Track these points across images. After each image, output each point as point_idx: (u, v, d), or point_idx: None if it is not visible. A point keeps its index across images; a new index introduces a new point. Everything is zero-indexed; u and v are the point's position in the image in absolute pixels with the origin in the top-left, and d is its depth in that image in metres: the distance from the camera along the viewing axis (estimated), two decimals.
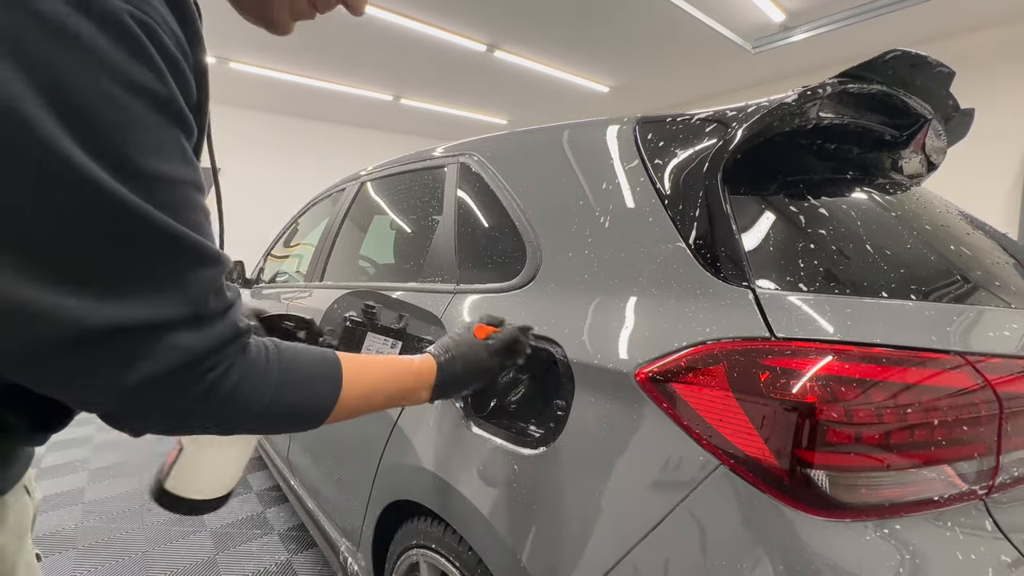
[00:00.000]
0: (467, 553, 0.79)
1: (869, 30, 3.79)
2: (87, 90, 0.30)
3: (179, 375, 0.36)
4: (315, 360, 0.50)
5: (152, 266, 0.34)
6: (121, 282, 0.33)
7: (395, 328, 0.76)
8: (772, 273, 0.61)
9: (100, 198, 0.31)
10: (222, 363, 0.39)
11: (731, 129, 0.69)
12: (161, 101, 0.33)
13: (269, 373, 0.44)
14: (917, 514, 0.49)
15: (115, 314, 0.32)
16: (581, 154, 0.89)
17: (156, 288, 0.34)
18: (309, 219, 2.36)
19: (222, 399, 0.40)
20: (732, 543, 0.51)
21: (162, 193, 0.34)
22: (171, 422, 0.40)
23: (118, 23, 0.30)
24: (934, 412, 0.49)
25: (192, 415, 0.40)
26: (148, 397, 0.36)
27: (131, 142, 0.32)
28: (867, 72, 0.73)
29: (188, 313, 0.36)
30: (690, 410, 0.56)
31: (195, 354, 0.37)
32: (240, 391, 0.41)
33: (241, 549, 1.83)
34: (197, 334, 0.37)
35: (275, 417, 0.45)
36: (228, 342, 0.40)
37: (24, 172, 0.29)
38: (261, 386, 0.43)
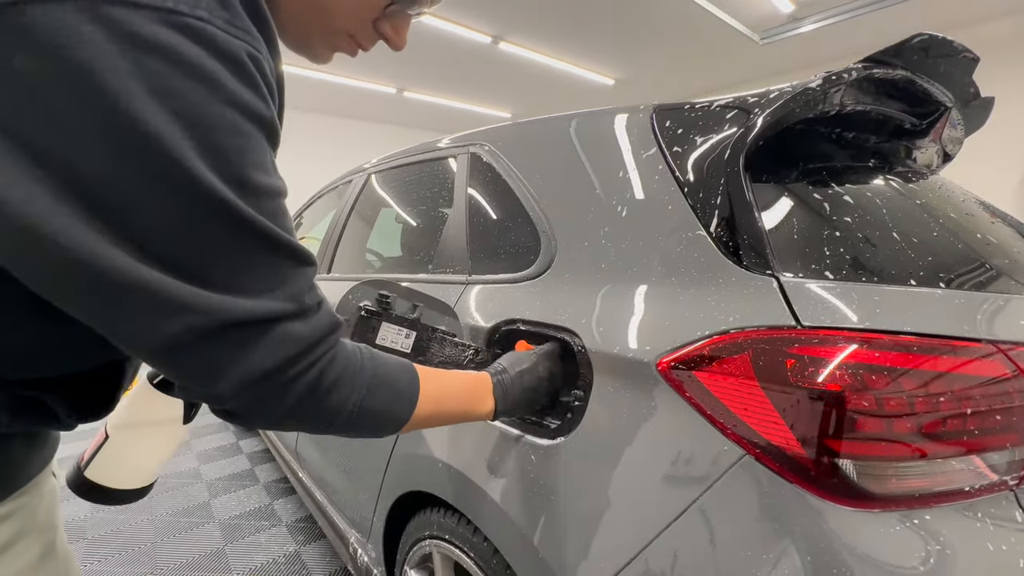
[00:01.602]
0: (482, 544, 0.79)
1: (878, 20, 3.75)
2: (216, 119, 0.34)
3: (293, 363, 0.40)
4: (396, 361, 0.53)
5: (265, 268, 0.38)
6: (244, 282, 0.37)
7: (409, 318, 0.75)
8: (796, 261, 0.60)
9: (228, 214, 0.35)
10: (327, 353, 0.43)
11: (753, 115, 0.68)
12: (267, 124, 0.38)
13: (364, 368, 0.47)
14: (946, 505, 0.49)
15: (245, 308, 0.37)
16: (596, 143, 0.87)
17: (269, 287, 0.38)
18: (313, 212, 2.36)
19: (327, 389, 0.43)
20: (757, 532, 0.50)
21: (267, 204, 0.38)
22: (280, 414, 0.42)
23: (238, 61, 0.34)
24: (966, 401, 0.48)
25: (300, 408, 0.42)
26: (265, 386, 0.39)
27: (247, 163, 0.36)
28: (892, 57, 0.72)
29: (295, 307, 0.40)
30: (713, 399, 0.55)
31: (306, 342, 0.40)
32: (341, 382, 0.44)
33: (249, 540, 1.84)
34: (304, 324, 0.40)
35: (367, 414, 0.47)
36: (329, 332, 0.43)
37: (166, 193, 0.33)
38: (357, 379, 0.46)
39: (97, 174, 0.31)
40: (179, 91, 0.32)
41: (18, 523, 0.45)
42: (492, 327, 0.84)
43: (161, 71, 0.31)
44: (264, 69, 0.37)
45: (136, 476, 0.60)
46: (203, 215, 0.35)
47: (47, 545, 0.49)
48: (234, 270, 0.37)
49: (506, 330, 0.82)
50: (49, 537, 0.49)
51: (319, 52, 0.52)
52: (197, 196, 0.34)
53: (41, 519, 0.48)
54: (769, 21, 3.95)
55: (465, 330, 0.88)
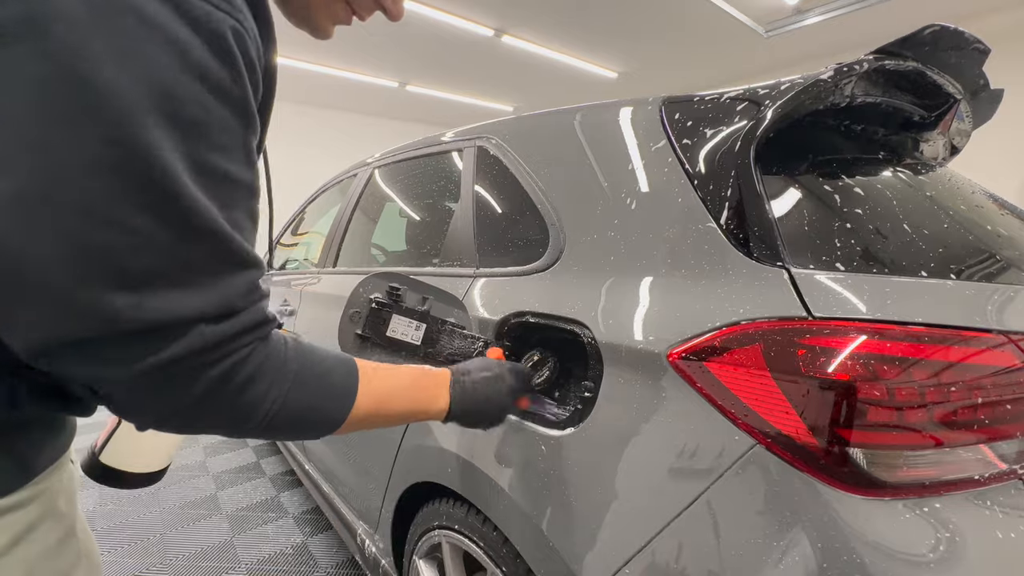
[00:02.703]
0: (492, 533, 0.80)
1: (884, 12, 3.71)
2: (179, 89, 0.31)
3: (194, 357, 0.36)
4: (333, 357, 0.49)
5: (198, 264, 0.35)
6: (168, 278, 0.33)
7: (419, 310, 0.76)
8: (807, 252, 0.60)
9: (173, 194, 0.31)
10: (242, 348, 0.39)
11: (764, 107, 0.68)
12: (238, 105, 0.35)
13: (288, 361, 0.43)
14: (956, 493, 0.49)
15: (154, 311, 0.33)
16: (604, 135, 0.87)
17: (197, 286, 0.35)
18: (317, 207, 2.36)
19: (238, 386, 0.39)
20: (769, 521, 0.51)
21: (221, 192, 0.35)
22: (184, 407, 0.38)
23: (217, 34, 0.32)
24: (976, 391, 0.49)
25: (206, 404, 0.38)
26: (162, 380, 0.35)
27: (207, 142, 0.33)
28: (903, 48, 0.72)
29: (218, 310, 0.36)
30: (724, 390, 0.55)
31: (216, 339, 0.37)
32: (257, 378, 0.40)
33: (257, 532, 1.86)
34: (222, 324, 0.37)
35: (290, 412, 0.43)
36: (250, 330, 0.39)
37: (109, 162, 0.29)
38: (280, 374, 0.42)
39: (30, 134, 0.28)
40: (144, 54, 0.29)
41: (39, 508, 0.45)
42: (501, 319, 0.84)
43: (127, 32, 0.29)
44: (247, 46, 0.34)
45: (150, 459, 0.61)
46: (144, 190, 0.31)
47: (67, 530, 0.49)
48: (163, 263, 0.33)
49: (515, 322, 0.83)
50: (68, 522, 0.50)
51: (320, 24, 0.50)
52: (143, 168, 0.30)
53: (61, 505, 0.48)
54: (774, 13, 3.92)
55: (474, 322, 0.88)
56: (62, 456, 0.49)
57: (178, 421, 0.39)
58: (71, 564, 0.49)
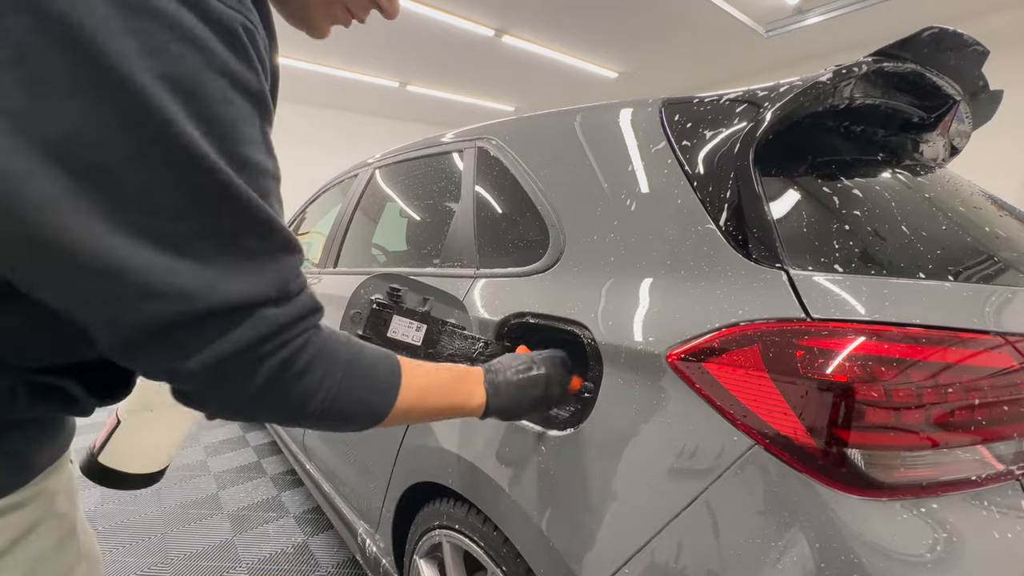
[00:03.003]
0: (492, 533, 0.80)
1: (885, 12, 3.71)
2: (208, 87, 0.33)
3: (261, 344, 0.38)
4: (377, 351, 0.51)
5: (254, 249, 0.37)
6: (230, 262, 0.36)
7: (420, 311, 0.76)
8: (806, 254, 0.61)
9: (222, 187, 0.34)
10: (301, 335, 0.41)
11: (763, 109, 0.68)
12: (258, 98, 0.36)
13: (339, 353, 0.44)
14: (953, 493, 0.49)
15: (226, 292, 0.35)
16: (604, 136, 0.88)
17: (256, 270, 0.37)
18: (318, 207, 2.36)
19: (296, 374, 0.40)
20: (768, 521, 0.51)
21: (260, 182, 0.37)
22: (247, 397, 0.39)
23: (232, 31, 0.34)
24: (974, 392, 0.49)
25: (268, 391, 0.40)
26: (232, 365, 0.37)
27: (239, 135, 0.35)
28: (902, 50, 0.72)
29: (278, 292, 0.38)
30: (723, 390, 0.56)
31: (280, 323, 0.39)
32: (314, 365, 0.42)
33: (258, 531, 1.86)
34: (282, 309, 0.39)
35: (343, 403, 0.45)
36: (307, 315, 0.41)
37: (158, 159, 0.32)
38: (333, 364, 0.43)
39: (83, 139, 0.30)
40: (172, 55, 0.31)
41: (39, 508, 0.46)
42: (501, 320, 0.84)
43: (154, 33, 0.30)
44: (258, 43, 0.36)
45: (149, 460, 0.61)
46: (194, 185, 0.33)
47: (67, 530, 0.49)
48: (224, 249, 0.35)
49: (515, 323, 0.83)
50: (69, 522, 0.50)
51: (317, 23, 0.51)
52: (190, 164, 0.32)
53: (61, 504, 0.49)
54: (774, 13, 3.92)
55: (474, 323, 0.89)
56: (61, 456, 0.50)
57: (242, 409, 0.41)
58: (72, 564, 0.49)
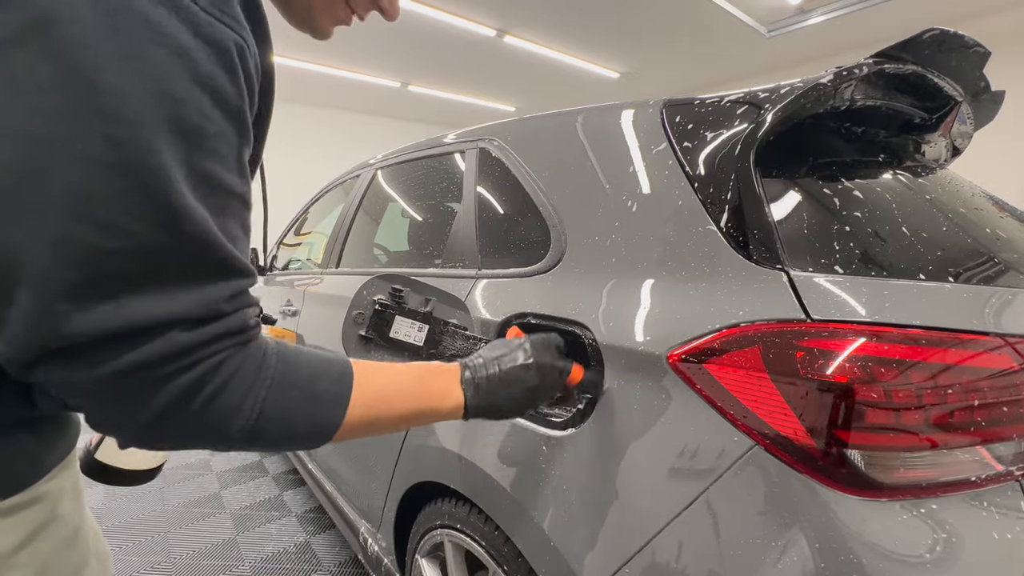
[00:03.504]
0: (494, 532, 0.80)
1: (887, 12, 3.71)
2: (183, 95, 0.32)
3: (164, 363, 0.34)
4: (324, 359, 0.46)
5: (182, 268, 0.34)
6: (154, 281, 0.33)
7: (422, 312, 0.77)
8: (806, 255, 0.61)
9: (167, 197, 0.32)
10: (213, 356, 0.37)
11: (764, 111, 0.68)
12: (235, 115, 0.35)
13: (265, 369, 0.40)
14: (953, 494, 0.50)
15: (136, 313, 0.32)
16: (605, 138, 0.88)
17: (183, 290, 0.34)
18: (320, 207, 2.37)
19: (209, 396, 0.36)
20: (767, 521, 0.51)
21: (215, 200, 0.35)
22: (147, 419, 0.36)
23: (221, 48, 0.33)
24: (973, 393, 0.49)
25: (177, 414, 0.36)
26: (132, 386, 0.34)
27: (206, 148, 0.34)
28: (903, 52, 0.72)
29: (197, 314, 0.35)
30: (724, 391, 0.56)
31: (189, 344, 0.35)
32: (231, 386, 0.38)
33: (260, 530, 1.87)
34: (199, 330, 0.36)
35: (271, 422, 0.40)
36: (224, 335, 0.38)
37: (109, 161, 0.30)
38: (255, 383, 0.39)
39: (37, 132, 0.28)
40: (151, 59, 0.30)
41: (51, 505, 0.46)
42: (503, 320, 0.85)
43: (135, 36, 0.29)
44: (247, 63, 0.35)
45: (145, 456, 0.62)
46: (141, 193, 0.31)
47: (77, 525, 0.50)
48: (149, 264, 0.32)
49: (517, 323, 0.83)
50: (78, 518, 0.50)
51: (321, 25, 0.51)
52: (142, 171, 0.30)
53: (69, 503, 0.49)
54: (776, 13, 3.92)
55: (476, 323, 0.89)
56: (69, 454, 0.50)
57: (150, 432, 0.37)
58: (83, 559, 0.50)
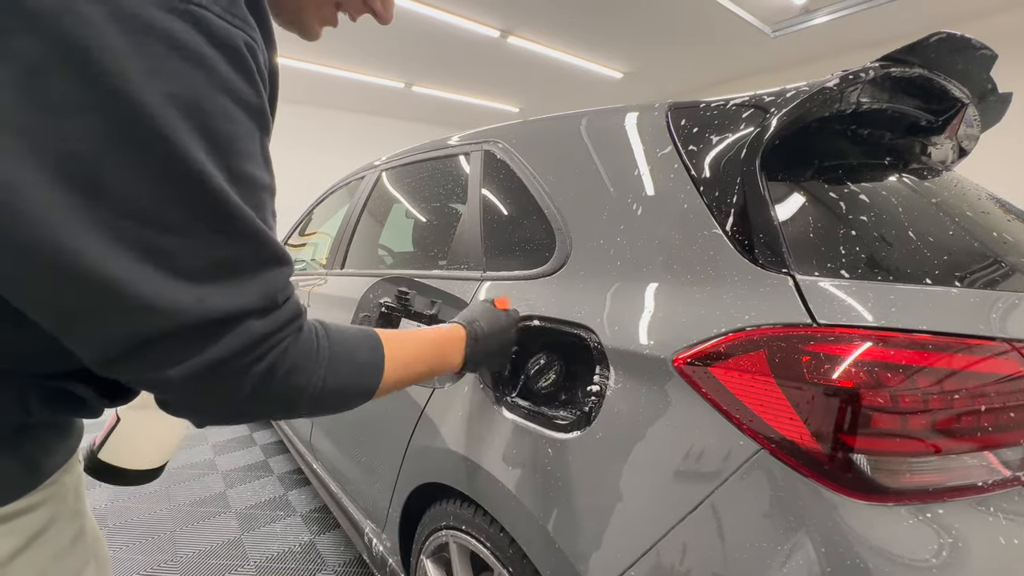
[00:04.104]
0: (499, 534, 0.81)
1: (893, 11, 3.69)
2: (210, 104, 0.34)
3: (244, 355, 0.39)
4: (357, 334, 0.53)
5: (244, 263, 0.38)
6: (220, 276, 0.37)
7: (428, 314, 0.77)
8: (812, 259, 0.61)
9: (217, 202, 0.35)
10: (281, 343, 0.42)
11: (769, 115, 0.68)
12: (259, 115, 0.38)
13: (321, 348, 0.47)
14: (959, 499, 0.50)
15: (212, 306, 0.36)
16: (610, 141, 0.88)
17: (244, 283, 0.38)
18: (324, 208, 2.38)
19: (281, 378, 0.42)
20: (773, 524, 0.51)
21: (254, 196, 0.38)
22: (233, 407, 0.41)
23: (235, 49, 0.35)
24: (980, 398, 0.49)
25: (256, 398, 0.41)
26: (216, 377, 0.38)
27: (237, 150, 0.36)
28: (909, 55, 0.72)
29: (263, 304, 0.39)
30: (729, 395, 0.56)
31: (261, 335, 0.39)
32: (298, 368, 0.43)
33: (265, 530, 1.88)
34: (266, 320, 0.40)
35: (330, 392, 0.47)
36: (287, 323, 0.42)
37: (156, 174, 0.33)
38: (315, 362, 0.45)
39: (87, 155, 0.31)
40: (176, 73, 0.32)
41: (50, 510, 0.46)
42: None
43: (158, 53, 0.31)
44: (259, 59, 0.38)
45: (148, 456, 0.62)
46: (191, 200, 0.34)
47: (77, 530, 0.50)
48: (215, 263, 0.36)
49: (523, 326, 0.84)
50: (79, 522, 0.51)
51: (310, 26, 0.53)
52: (187, 179, 0.33)
53: (71, 505, 0.50)
54: (781, 13, 3.90)
55: None
56: (71, 458, 0.51)
57: (234, 415, 0.42)
58: (82, 564, 0.50)
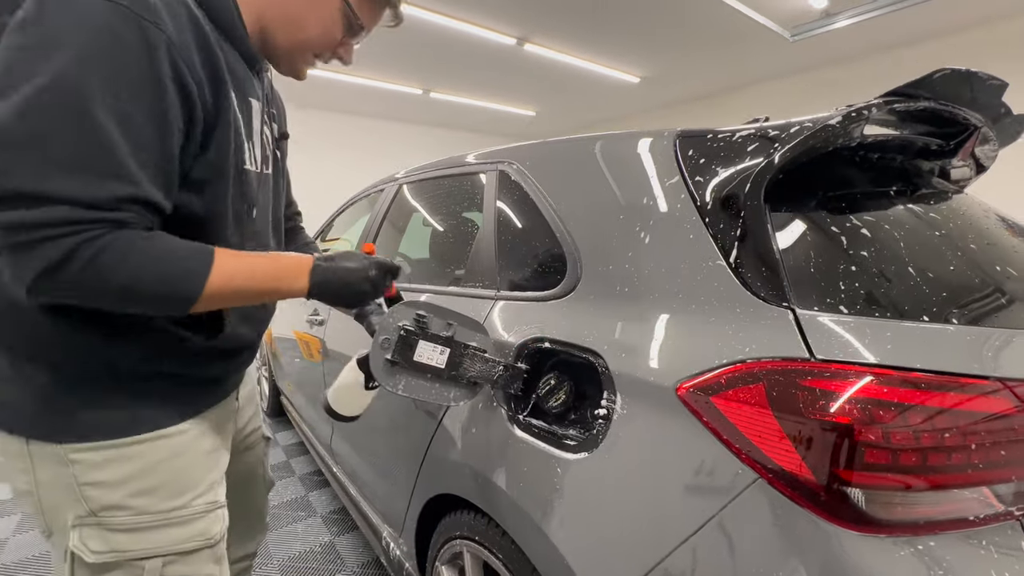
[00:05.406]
0: (511, 547, 0.84)
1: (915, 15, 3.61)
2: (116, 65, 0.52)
3: (57, 226, 0.49)
4: (190, 245, 0.60)
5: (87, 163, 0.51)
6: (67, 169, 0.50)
7: (444, 336, 0.81)
8: (812, 294, 0.63)
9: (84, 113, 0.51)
10: (93, 230, 0.51)
11: (774, 150, 0.70)
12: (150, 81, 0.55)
13: (137, 242, 0.54)
14: (952, 532, 0.52)
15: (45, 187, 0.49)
16: (620, 167, 0.91)
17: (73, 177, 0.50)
18: (345, 218, 2.45)
19: (91, 255, 0.51)
20: (768, 553, 0.54)
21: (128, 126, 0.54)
22: (45, 276, 0.50)
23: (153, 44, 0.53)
24: (972, 436, 0.51)
25: (63, 272, 0.50)
26: (28, 241, 0.49)
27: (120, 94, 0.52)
28: (915, 90, 0.73)
29: (82, 199, 0.50)
30: (729, 425, 0.59)
31: (71, 217, 0.50)
32: (109, 250, 0.52)
33: (287, 529, 1.95)
34: (80, 210, 0.50)
35: (147, 284, 0.55)
36: (103, 221, 0.52)
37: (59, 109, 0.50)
38: (132, 253, 0.53)
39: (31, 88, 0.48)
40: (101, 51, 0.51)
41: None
42: (521, 344, 0.89)
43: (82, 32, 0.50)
44: (175, 57, 0.55)
45: (350, 408, 0.95)
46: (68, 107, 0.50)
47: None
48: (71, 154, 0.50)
49: (534, 347, 0.87)
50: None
51: (301, 72, 0.78)
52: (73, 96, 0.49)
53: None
54: (801, 17, 3.85)
55: (495, 345, 0.93)
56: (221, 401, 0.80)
57: (42, 282, 0.51)
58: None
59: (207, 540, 0.72)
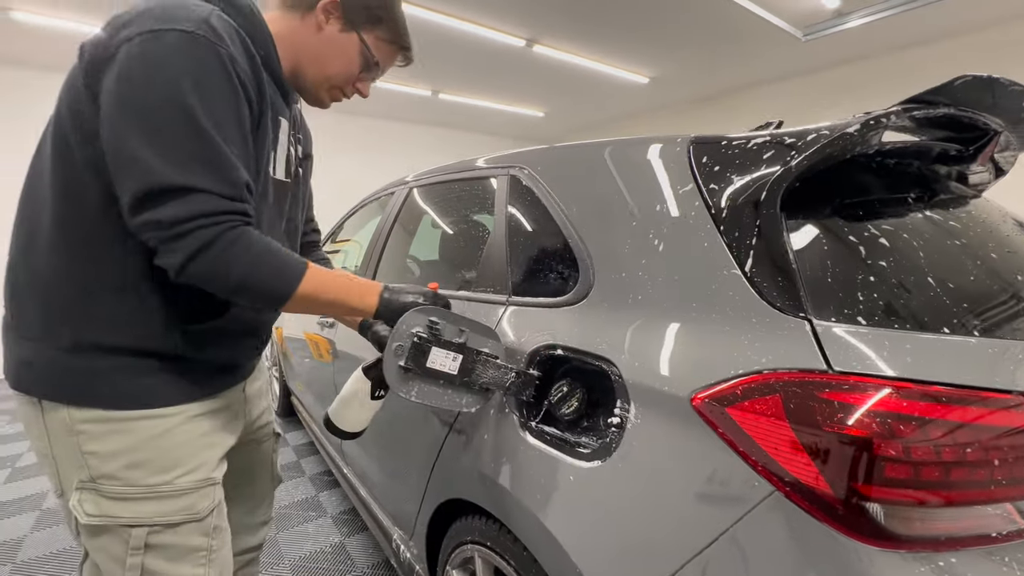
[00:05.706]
0: (522, 553, 0.85)
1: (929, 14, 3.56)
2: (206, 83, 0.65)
3: (205, 216, 0.62)
4: (292, 255, 0.72)
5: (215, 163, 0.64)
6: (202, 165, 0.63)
7: (456, 342, 0.82)
8: (830, 305, 0.63)
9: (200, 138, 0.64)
10: (230, 220, 0.64)
11: (791, 157, 0.70)
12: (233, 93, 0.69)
13: (256, 243, 0.66)
14: (973, 548, 0.51)
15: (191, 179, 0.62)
16: (633, 173, 0.91)
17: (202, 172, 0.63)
18: (357, 219, 2.47)
19: (223, 247, 0.63)
20: (784, 566, 0.54)
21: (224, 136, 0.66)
22: (184, 257, 0.62)
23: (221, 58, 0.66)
24: (993, 451, 0.50)
25: (202, 255, 0.62)
26: (182, 230, 0.61)
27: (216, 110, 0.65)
28: (934, 96, 0.72)
29: (227, 192, 0.64)
30: (745, 436, 0.59)
31: (220, 207, 0.63)
32: (235, 245, 0.64)
33: (298, 530, 1.97)
34: (224, 202, 0.63)
35: (256, 279, 0.67)
36: (238, 212, 0.65)
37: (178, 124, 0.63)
38: (248, 248, 0.65)
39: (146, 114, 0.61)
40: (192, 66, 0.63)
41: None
42: (533, 350, 0.89)
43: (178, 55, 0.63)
44: (238, 67, 0.67)
45: (352, 424, 0.95)
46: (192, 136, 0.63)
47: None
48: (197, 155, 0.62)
49: (546, 354, 0.87)
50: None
51: (326, 103, 0.91)
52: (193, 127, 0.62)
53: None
54: (813, 17, 3.80)
55: (506, 351, 0.93)
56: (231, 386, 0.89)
57: (186, 268, 0.62)
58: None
59: (192, 514, 0.77)
